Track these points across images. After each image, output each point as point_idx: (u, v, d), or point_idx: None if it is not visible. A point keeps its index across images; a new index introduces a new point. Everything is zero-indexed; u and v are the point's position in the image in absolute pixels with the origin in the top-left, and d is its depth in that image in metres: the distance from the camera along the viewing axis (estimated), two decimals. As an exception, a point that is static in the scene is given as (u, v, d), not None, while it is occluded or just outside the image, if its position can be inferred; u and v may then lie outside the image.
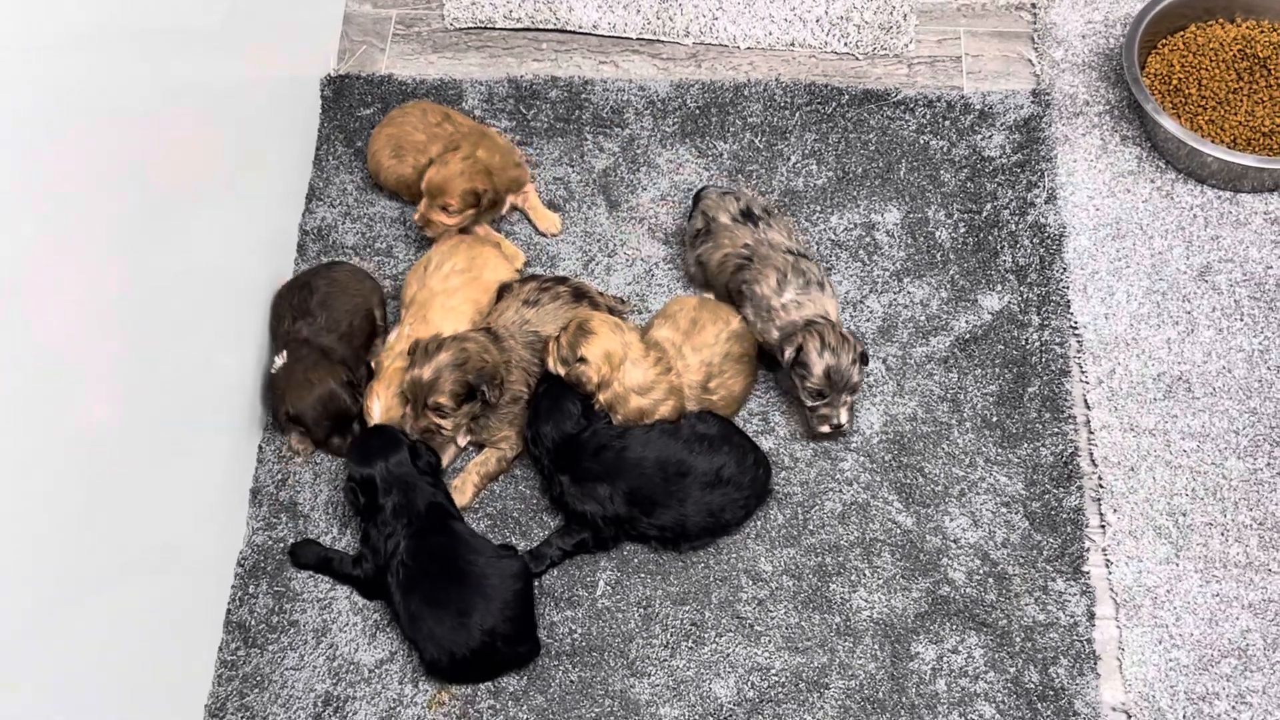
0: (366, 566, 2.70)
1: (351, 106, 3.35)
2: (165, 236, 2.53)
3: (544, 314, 2.88)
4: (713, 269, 2.96)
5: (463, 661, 2.62)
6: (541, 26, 3.48)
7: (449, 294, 2.93)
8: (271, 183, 3.12)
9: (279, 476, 2.90)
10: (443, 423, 2.75)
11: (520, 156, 3.19)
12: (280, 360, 2.88)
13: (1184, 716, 2.61)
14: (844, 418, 2.80)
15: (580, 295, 2.94)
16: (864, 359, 2.80)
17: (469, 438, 2.88)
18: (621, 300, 3.06)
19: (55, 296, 2.12)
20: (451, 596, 2.61)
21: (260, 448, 2.94)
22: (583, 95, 3.35)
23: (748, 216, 2.92)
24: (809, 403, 2.80)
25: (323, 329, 2.92)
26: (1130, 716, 2.62)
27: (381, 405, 2.82)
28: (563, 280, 2.97)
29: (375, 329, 3.03)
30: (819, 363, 2.73)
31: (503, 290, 2.97)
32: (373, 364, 2.95)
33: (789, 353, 2.77)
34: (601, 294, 3.02)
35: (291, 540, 2.82)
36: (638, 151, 3.27)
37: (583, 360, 2.75)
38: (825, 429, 2.82)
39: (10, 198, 1.98)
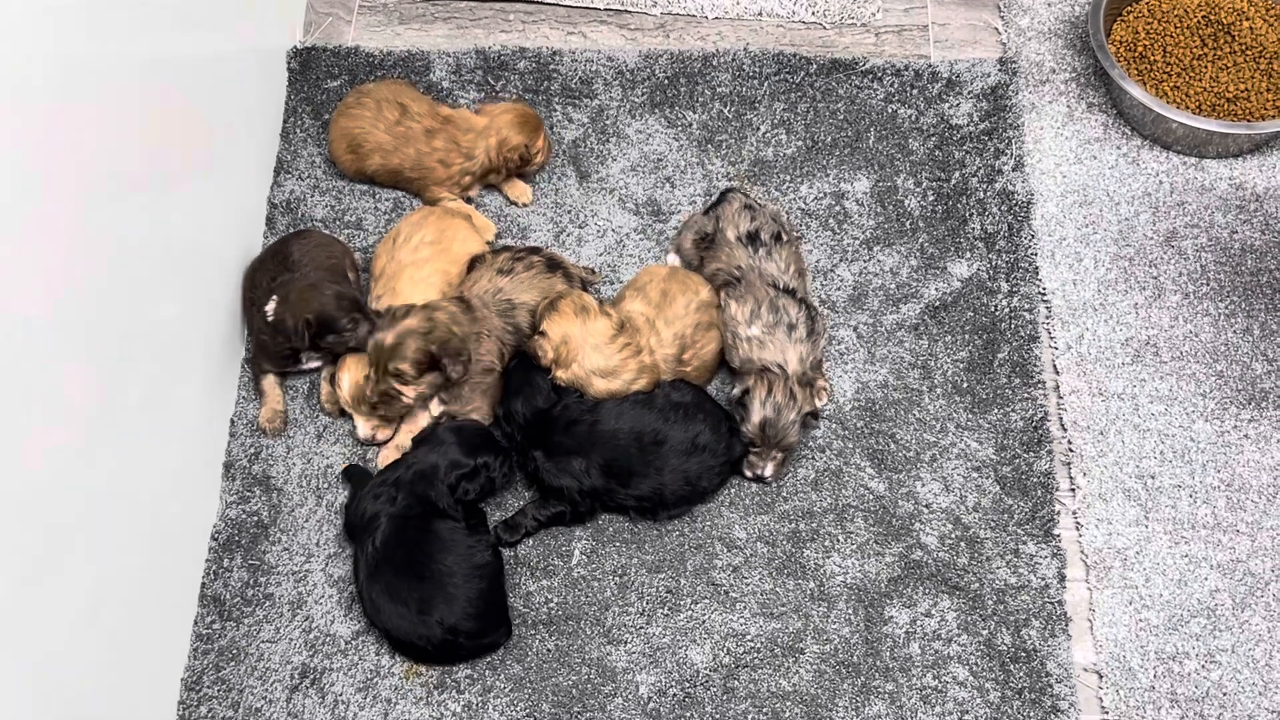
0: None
1: (318, 79, 3.33)
2: (133, 211, 2.52)
3: (518, 283, 2.88)
4: (704, 274, 2.94)
5: (425, 652, 2.63)
6: (509, -3, 3.48)
7: (418, 265, 2.93)
8: (239, 156, 3.10)
9: (251, 451, 2.90)
10: (403, 389, 2.74)
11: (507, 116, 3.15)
12: (273, 304, 2.85)
13: (1154, 676, 2.65)
14: (768, 472, 2.79)
15: (554, 266, 2.94)
16: (814, 416, 2.78)
17: (442, 407, 2.88)
18: (592, 271, 3.06)
19: (22, 272, 2.10)
20: (412, 592, 2.60)
21: (232, 421, 2.93)
22: (551, 66, 3.34)
23: (752, 239, 2.88)
24: (744, 443, 2.79)
25: (308, 269, 2.91)
26: (1102, 677, 2.65)
27: (351, 379, 2.80)
28: (536, 250, 2.97)
29: None
30: (757, 413, 2.72)
31: (474, 262, 2.96)
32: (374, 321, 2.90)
33: (736, 391, 2.77)
34: (573, 265, 3.02)
35: (263, 516, 2.82)
36: (607, 122, 3.27)
37: (542, 334, 2.77)
38: (748, 473, 2.82)
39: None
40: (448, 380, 2.77)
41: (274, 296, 2.86)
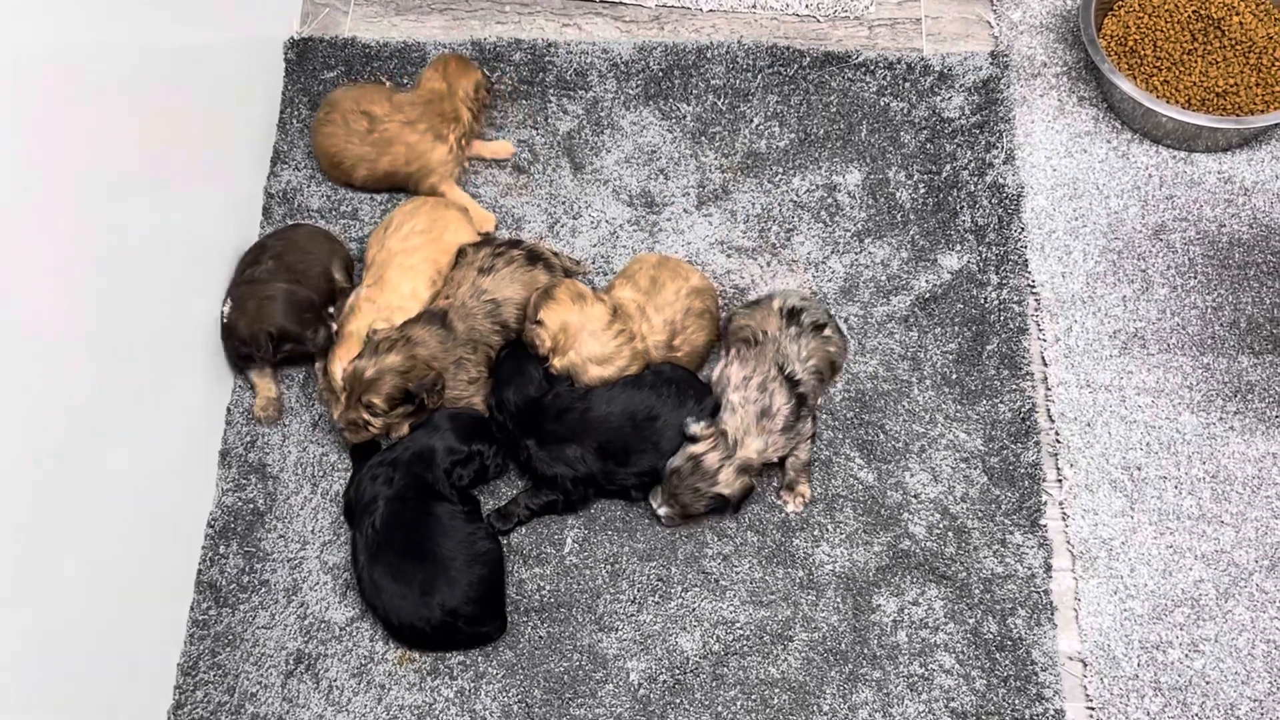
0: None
1: (315, 70, 3.34)
2: (130, 201, 2.53)
3: (500, 280, 2.88)
4: (732, 327, 2.90)
5: (423, 635, 2.65)
6: (504, -11, 3.49)
7: (408, 254, 2.94)
8: (235, 146, 3.11)
9: (247, 439, 2.92)
10: (371, 420, 2.74)
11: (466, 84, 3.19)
12: (228, 305, 2.87)
13: (1138, 665, 2.67)
14: (661, 511, 2.75)
15: (535, 258, 2.94)
16: (737, 506, 2.76)
17: (406, 430, 2.86)
18: (577, 262, 3.07)
19: (21, 264, 2.12)
20: (415, 574, 2.62)
21: (229, 409, 2.95)
22: (546, 58, 3.35)
23: (793, 315, 2.82)
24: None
25: (270, 274, 2.90)
26: (1086, 665, 2.67)
27: (342, 367, 2.81)
28: (517, 244, 2.96)
29: (334, 289, 3.00)
30: (678, 458, 2.71)
31: (460, 254, 2.98)
32: (333, 327, 2.94)
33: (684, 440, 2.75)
34: (557, 254, 3.02)
35: (259, 504, 2.84)
36: (601, 114, 3.28)
37: (540, 323, 2.78)
38: (651, 503, 2.79)
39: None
40: (421, 409, 2.79)
41: (230, 298, 2.89)
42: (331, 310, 2.95)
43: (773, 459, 2.74)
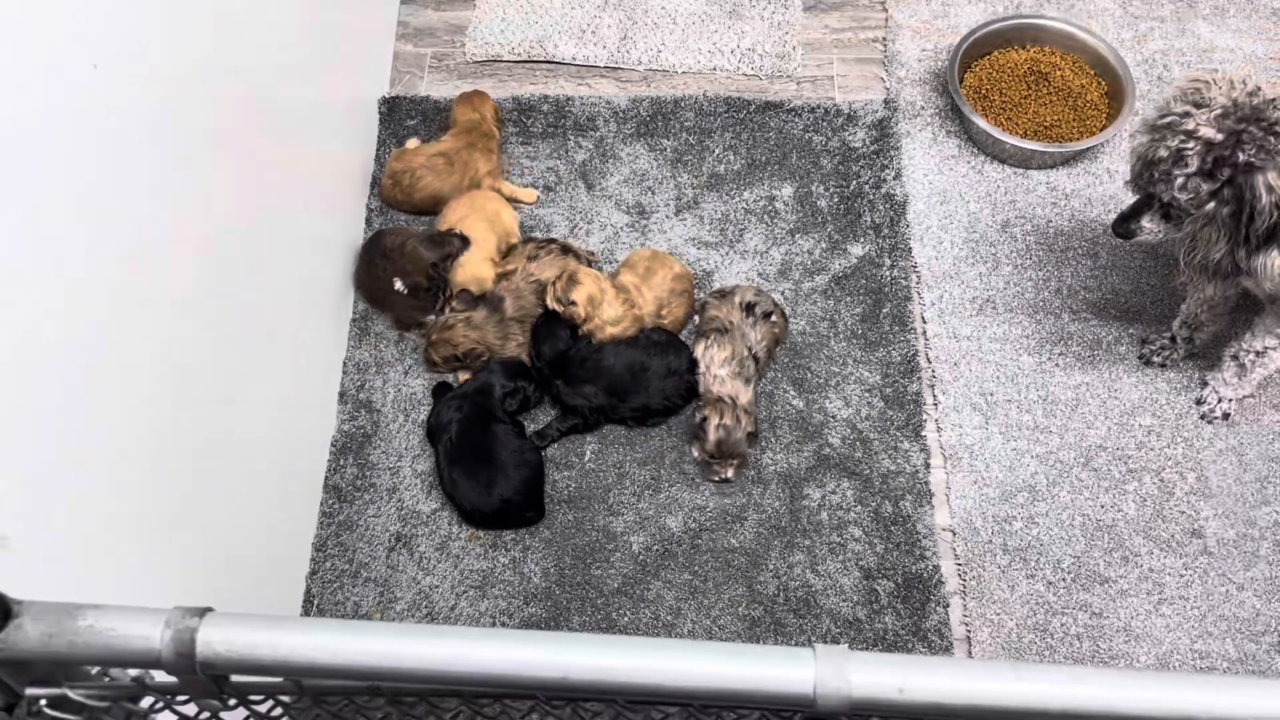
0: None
1: (400, 119, 3.28)
2: (274, 212, 2.50)
3: (542, 265, 2.86)
4: (704, 317, 2.84)
5: (486, 517, 2.63)
6: (535, 59, 3.42)
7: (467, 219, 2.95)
8: (346, 172, 3.06)
9: (358, 383, 2.90)
10: (439, 364, 2.81)
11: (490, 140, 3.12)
12: (398, 282, 2.84)
13: (991, 533, 2.66)
14: (729, 474, 2.68)
15: (566, 250, 2.91)
16: (754, 436, 2.68)
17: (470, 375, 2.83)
18: (592, 253, 3.02)
19: (204, 270, 2.09)
20: (482, 473, 2.61)
21: (344, 363, 2.91)
22: (566, 108, 3.30)
23: (749, 308, 2.77)
24: (704, 455, 2.67)
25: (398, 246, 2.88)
26: (955, 534, 2.66)
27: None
28: (552, 240, 2.95)
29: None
30: (713, 434, 2.62)
31: (511, 248, 2.95)
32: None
33: (697, 417, 2.67)
34: (580, 249, 2.99)
35: (367, 429, 2.82)
36: (606, 148, 3.23)
37: (573, 303, 2.75)
38: (715, 480, 2.70)
39: (171, 188, 1.94)
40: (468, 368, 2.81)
41: (395, 279, 2.83)
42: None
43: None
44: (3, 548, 1.34)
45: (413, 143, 3.18)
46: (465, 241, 2.87)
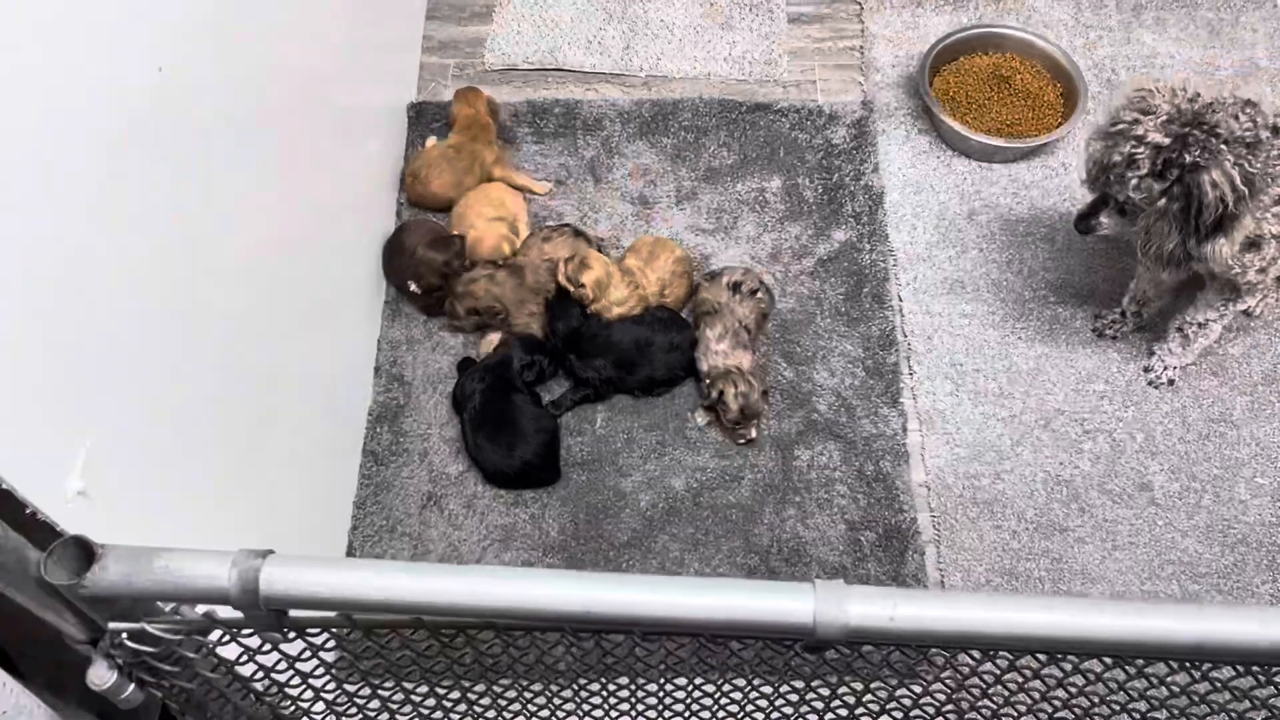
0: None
1: (427, 122, 3.25)
2: (318, 206, 2.49)
3: (556, 245, 2.85)
4: (697, 299, 2.82)
5: (507, 478, 2.63)
6: (548, 67, 3.39)
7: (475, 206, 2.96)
8: (379, 170, 3.04)
9: (391, 359, 2.89)
10: (462, 323, 2.80)
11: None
12: (412, 285, 2.81)
13: (962, 488, 2.66)
14: (753, 434, 2.66)
15: (579, 234, 2.90)
16: (766, 394, 2.67)
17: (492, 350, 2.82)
18: (602, 239, 3.01)
19: (262, 246, 2.09)
20: (503, 438, 2.61)
21: (378, 341, 2.89)
22: (575, 111, 3.27)
23: (735, 287, 2.75)
24: (729, 424, 2.66)
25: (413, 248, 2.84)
26: (929, 489, 2.66)
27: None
28: (566, 225, 2.94)
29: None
30: (734, 402, 2.61)
31: (531, 233, 2.94)
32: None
33: (713, 393, 2.64)
34: (591, 232, 2.98)
35: (400, 401, 2.81)
36: (612, 145, 3.20)
37: (582, 285, 2.74)
38: (742, 442, 2.68)
39: (235, 188, 1.95)
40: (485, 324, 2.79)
41: (409, 281, 2.81)
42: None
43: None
44: (84, 497, 1.35)
45: (430, 142, 3.17)
46: (463, 240, 2.86)
